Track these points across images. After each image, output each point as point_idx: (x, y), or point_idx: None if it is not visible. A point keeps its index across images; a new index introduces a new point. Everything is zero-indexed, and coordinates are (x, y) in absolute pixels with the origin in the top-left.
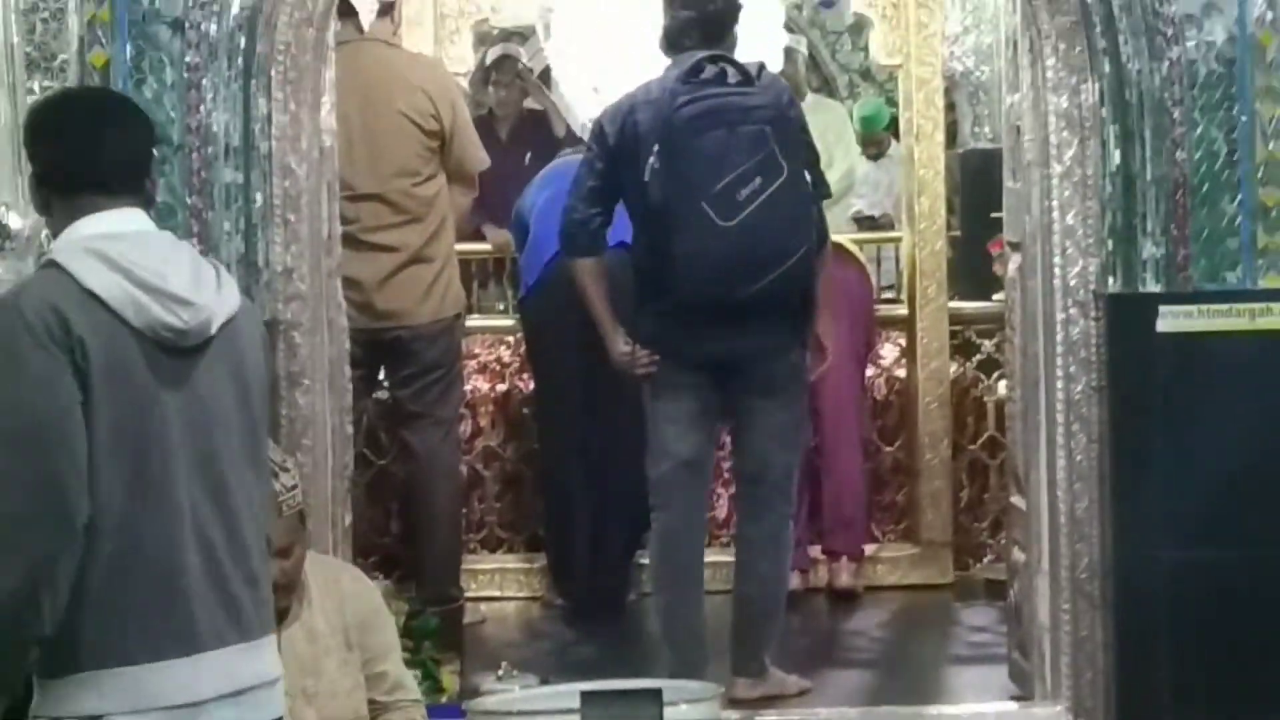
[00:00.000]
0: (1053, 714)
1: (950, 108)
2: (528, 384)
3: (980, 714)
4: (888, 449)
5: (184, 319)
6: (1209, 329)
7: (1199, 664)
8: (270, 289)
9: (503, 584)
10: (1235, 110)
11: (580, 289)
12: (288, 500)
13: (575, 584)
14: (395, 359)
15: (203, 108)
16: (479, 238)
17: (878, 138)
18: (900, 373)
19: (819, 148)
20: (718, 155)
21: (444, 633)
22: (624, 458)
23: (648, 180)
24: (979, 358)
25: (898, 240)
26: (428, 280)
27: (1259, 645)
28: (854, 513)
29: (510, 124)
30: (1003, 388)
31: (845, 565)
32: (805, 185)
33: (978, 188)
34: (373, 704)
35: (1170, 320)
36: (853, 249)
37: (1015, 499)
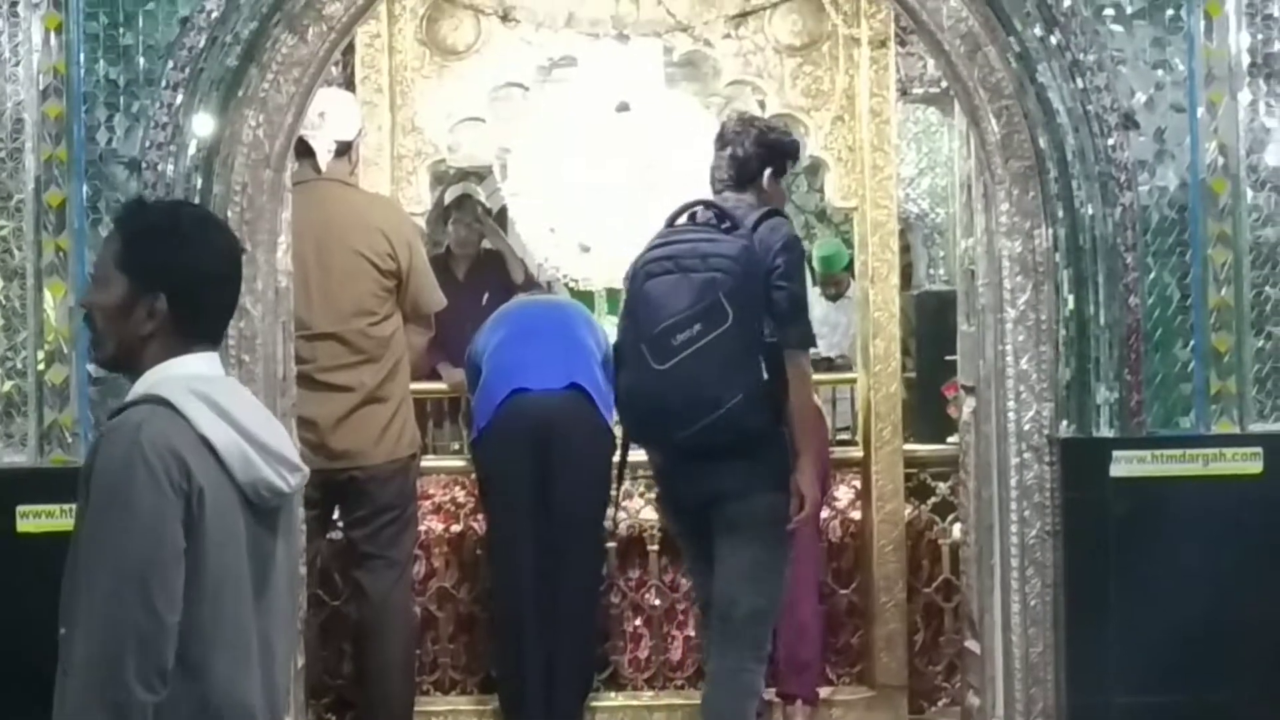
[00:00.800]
0: None
1: (905, 249)
2: (482, 525)
3: None
4: (843, 592)
5: (290, 483)
6: (1162, 474)
7: None
8: None
9: None
10: (1188, 256)
11: None
12: None
13: None
14: (349, 499)
15: None
16: (434, 377)
17: (837, 278)
18: (855, 515)
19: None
20: (662, 299)
21: None
22: (576, 601)
23: (618, 320)
24: (934, 500)
25: (853, 382)
26: (383, 421)
27: None
28: (810, 656)
29: (468, 264)
30: (957, 531)
31: (800, 709)
32: (753, 334)
33: (933, 329)
34: None
35: (1124, 465)
36: None
37: (970, 643)
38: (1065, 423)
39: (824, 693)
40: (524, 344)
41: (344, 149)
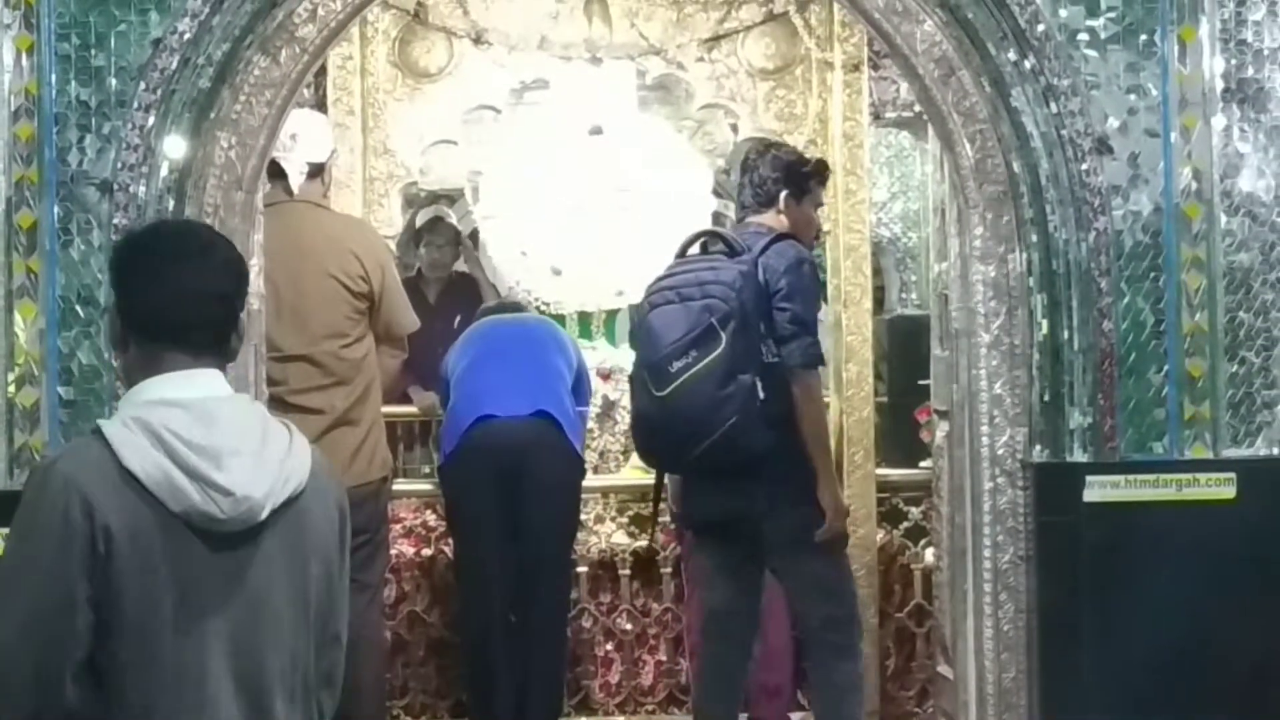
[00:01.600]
0: None
1: (877, 273)
2: (452, 549)
3: None
4: None
5: (223, 510)
6: (1136, 499)
7: None
8: None
9: None
10: (1161, 281)
11: None
12: None
13: None
14: None
15: None
16: (406, 400)
17: None
18: None
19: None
20: (662, 329)
21: None
22: (546, 626)
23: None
24: (906, 525)
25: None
26: (354, 444)
27: None
28: (781, 681)
29: (440, 286)
30: (930, 555)
31: None
32: (748, 357)
33: (904, 354)
34: None
35: (1097, 490)
36: None
37: (942, 668)
38: (1039, 447)
39: (795, 718)
40: (491, 368)
41: (316, 171)
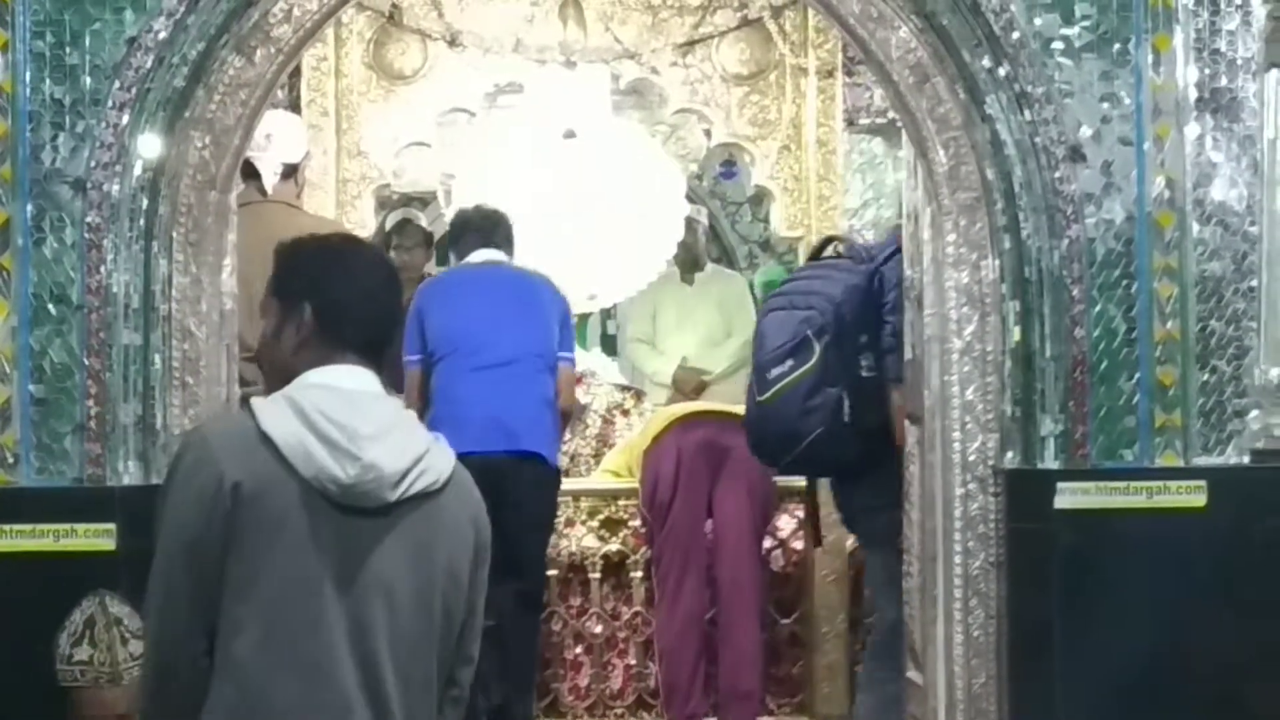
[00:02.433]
0: None
1: None
2: None
3: None
4: (784, 621)
5: (349, 472)
6: (1107, 506)
7: None
8: (167, 452)
9: None
10: (1134, 289)
11: None
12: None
13: None
14: None
15: (103, 268)
16: None
17: None
18: (798, 545)
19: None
20: (767, 334)
21: None
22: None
23: None
24: None
25: None
26: None
27: None
28: (750, 686)
29: (410, 289)
30: None
31: None
32: (839, 371)
33: None
34: None
35: (1068, 497)
36: None
37: (912, 674)
38: (1010, 454)
39: None
40: (471, 385)
41: (290, 171)
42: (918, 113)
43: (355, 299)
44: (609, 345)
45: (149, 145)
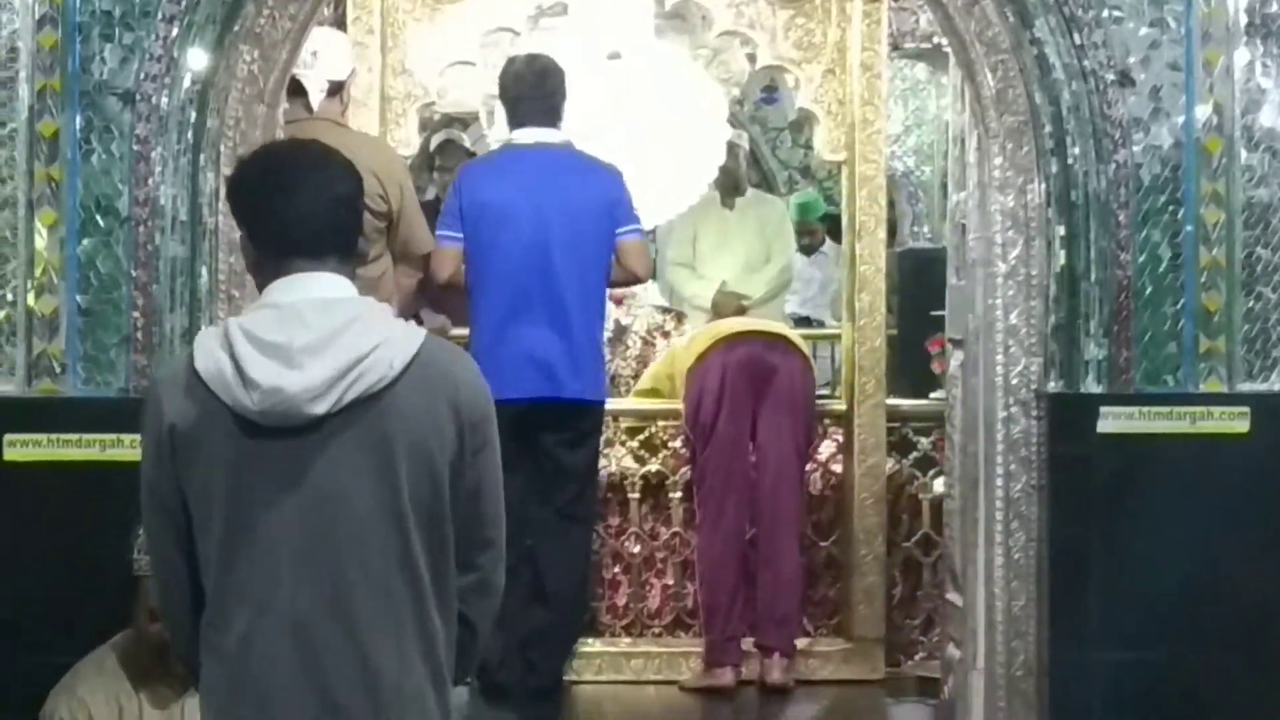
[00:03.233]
0: None
1: (890, 206)
2: None
3: None
4: (823, 544)
5: (253, 399)
6: (1149, 431)
7: None
8: None
9: None
10: (1180, 215)
11: None
12: None
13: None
14: None
15: (151, 180)
16: (416, 322)
17: (811, 227)
18: (837, 468)
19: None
20: None
21: None
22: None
23: None
24: (915, 455)
25: (836, 338)
26: None
27: None
28: (790, 609)
29: None
30: (939, 485)
31: (778, 661)
32: None
33: (916, 287)
34: None
35: (1111, 421)
36: (796, 340)
37: (951, 595)
38: (1053, 378)
39: (801, 644)
40: (511, 322)
41: (336, 89)
42: (966, 35)
43: (268, 208)
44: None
45: (197, 58)
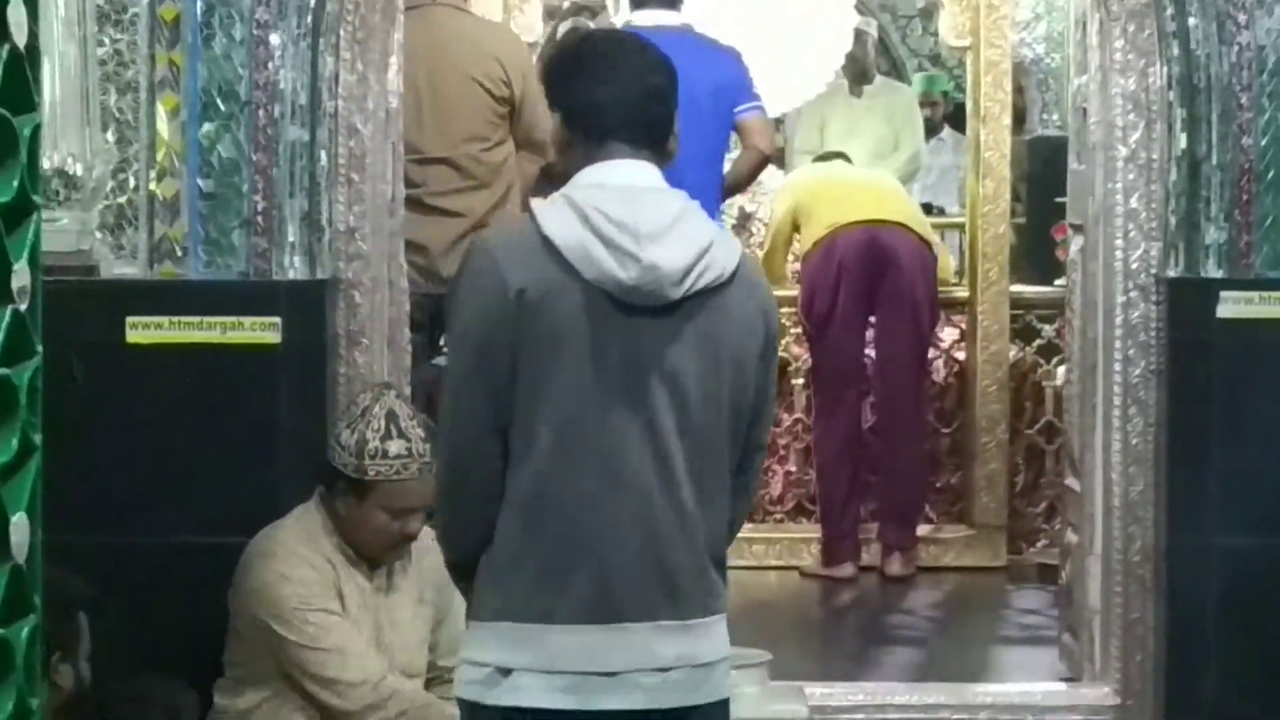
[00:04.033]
0: (1100, 695)
1: (1019, 93)
2: None
3: (1029, 693)
4: (945, 431)
5: (629, 274)
6: (1270, 316)
7: (1249, 651)
8: (332, 248)
9: None
10: None
11: None
12: (429, 461)
13: None
14: None
15: (270, 65)
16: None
17: (934, 98)
18: (959, 355)
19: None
20: None
21: None
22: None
23: None
24: (1039, 342)
25: (960, 226)
26: None
27: None
28: (911, 501)
29: None
30: (1062, 373)
31: (898, 557)
32: None
33: (1045, 175)
34: (430, 668)
35: (1231, 306)
36: (920, 228)
37: (1070, 481)
38: (1173, 263)
39: (923, 531)
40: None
41: None
42: None
43: (600, 94)
44: (777, 157)
45: None
